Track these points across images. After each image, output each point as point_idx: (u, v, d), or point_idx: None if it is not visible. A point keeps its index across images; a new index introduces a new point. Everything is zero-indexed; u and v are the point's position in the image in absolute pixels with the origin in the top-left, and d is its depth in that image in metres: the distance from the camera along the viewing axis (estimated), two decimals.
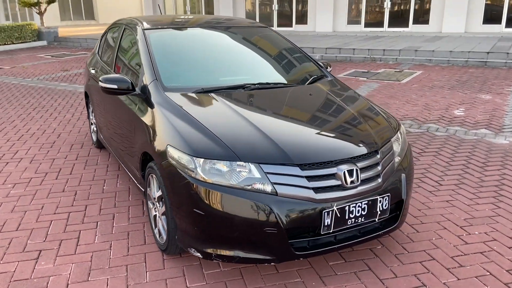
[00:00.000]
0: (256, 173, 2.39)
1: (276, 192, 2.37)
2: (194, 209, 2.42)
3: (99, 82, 3.18)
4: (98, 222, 3.36)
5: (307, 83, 3.45)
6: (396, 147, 2.88)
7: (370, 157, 2.63)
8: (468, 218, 3.42)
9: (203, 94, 3.05)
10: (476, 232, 3.21)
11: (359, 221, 2.54)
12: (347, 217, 2.48)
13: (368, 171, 2.59)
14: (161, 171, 2.64)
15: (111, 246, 3.03)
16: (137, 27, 3.76)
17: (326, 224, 2.42)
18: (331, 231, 2.46)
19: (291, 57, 3.86)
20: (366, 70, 10.28)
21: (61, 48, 16.70)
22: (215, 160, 2.42)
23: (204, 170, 2.41)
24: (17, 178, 4.23)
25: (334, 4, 17.41)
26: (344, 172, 2.47)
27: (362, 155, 2.60)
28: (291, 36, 16.27)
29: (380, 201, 2.58)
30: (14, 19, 26.47)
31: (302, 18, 18.67)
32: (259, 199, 2.35)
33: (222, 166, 2.41)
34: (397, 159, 2.82)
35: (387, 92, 8.00)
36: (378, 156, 2.66)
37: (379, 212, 2.59)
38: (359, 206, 2.51)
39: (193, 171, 2.43)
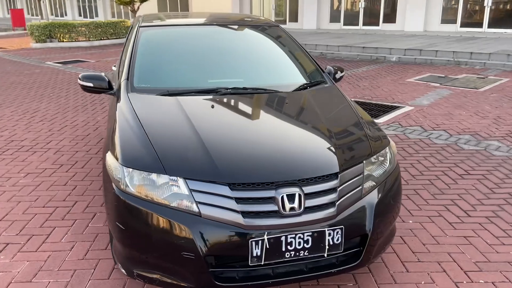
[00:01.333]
0: (184, 190, 2.14)
1: (200, 213, 2.09)
2: (116, 222, 2.25)
3: (78, 80, 3.14)
4: (76, 221, 3.34)
5: (294, 89, 3.08)
6: (373, 170, 2.42)
7: (323, 181, 2.22)
8: (480, 262, 2.80)
9: (168, 96, 2.84)
10: (481, 281, 2.61)
11: (302, 254, 2.16)
12: (284, 249, 2.12)
13: (318, 198, 2.18)
14: (103, 178, 2.50)
15: (72, 248, 2.98)
16: (137, 24, 3.68)
17: (255, 255, 2.09)
18: (262, 263, 2.12)
19: (292, 60, 3.50)
20: (443, 75, 9.30)
21: None
22: (143, 172, 2.20)
23: (130, 181, 2.21)
24: (33, 168, 4.41)
25: (427, 1, 16.09)
26: (282, 197, 2.11)
27: (312, 178, 2.20)
28: (376, 36, 15.40)
29: (329, 234, 2.17)
30: (119, 16, 28.69)
31: (390, 16, 17.57)
32: (180, 219, 2.09)
33: (148, 178, 2.19)
34: (369, 184, 2.36)
35: (457, 101, 7.11)
36: (336, 181, 2.24)
37: (327, 247, 2.18)
38: (300, 238, 2.13)
39: (120, 181, 2.24)
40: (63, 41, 16.59)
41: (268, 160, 2.24)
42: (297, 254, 2.15)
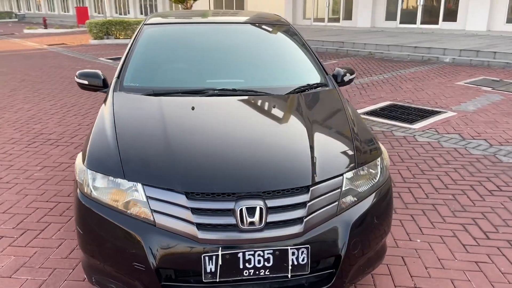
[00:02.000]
0: (142, 196, 2.03)
1: (154, 222, 1.98)
2: (76, 226, 2.19)
3: (75, 77, 3.14)
4: (72, 218, 3.36)
5: (288, 92, 2.87)
6: (356, 184, 2.18)
7: (291, 195, 2.02)
8: None
9: (152, 96, 2.74)
10: None
11: (262, 274, 1.98)
12: (241, 267, 1.95)
13: (283, 213, 1.99)
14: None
15: (60, 245, 2.98)
16: (143, 22, 3.63)
17: (208, 270, 1.94)
18: (217, 280, 1.97)
19: (294, 60, 3.29)
20: (498, 79, 8.58)
21: None
22: (103, 175, 2.12)
23: (92, 185, 2.14)
24: (50, 162, 4.53)
25: None
26: (241, 210, 1.95)
27: (279, 190, 2.02)
28: (433, 35, 14.58)
29: (293, 253, 1.97)
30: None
31: (451, 15, 16.54)
32: (133, 227, 1.99)
33: (107, 182, 2.11)
34: (349, 199, 2.13)
35: (507, 108, 6.50)
36: (306, 195, 2.03)
37: (290, 267, 1.98)
38: (260, 256, 1.95)
39: (82, 183, 2.18)
40: (119, 38, 17.22)
41: (233, 169, 2.07)
42: (257, 272, 1.97)
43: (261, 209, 1.94)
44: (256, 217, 1.94)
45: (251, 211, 1.94)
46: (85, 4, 36.08)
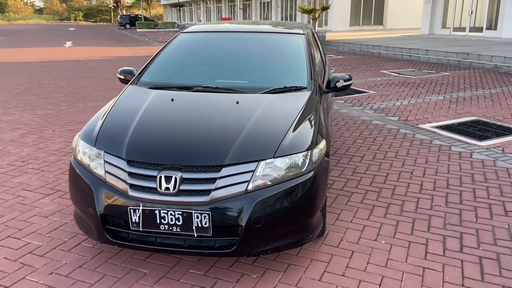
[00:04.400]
0: (102, 160, 2.68)
1: (105, 180, 2.62)
2: (68, 181, 2.93)
3: (117, 73, 3.97)
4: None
5: (263, 92, 3.25)
6: (274, 171, 2.52)
7: (205, 171, 2.47)
8: None
9: (153, 89, 3.39)
10: None
11: (175, 230, 2.47)
12: (158, 222, 2.47)
13: (195, 185, 2.46)
14: None
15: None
16: (182, 30, 4.35)
17: (134, 221, 2.50)
18: (140, 230, 2.52)
19: (290, 66, 3.64)
20: None
21: (325, 50, 18.27)
22: (84, 143, 2.85)
23: (78, 149, 2.87)
24: None
25: None
26: (160, 177, 2.47)
27: (197, 166, 2.49)
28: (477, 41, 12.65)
29: (197, 216, 2.42)
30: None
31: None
32: (92, 182, 2.65)
33: (86, 148, 2.82)
34: (260, 182, 2.48)
35: None
36: (217, 173, 2.46)
37: (195, 228, 2.44)
38: (172, 215, 2.45)
39: (74, 149, 2.94)
40: None
41: (168, 145, 2.61)
42: (170, 228, 2.47)
43: (175, 178, 2.44)
44: (171, 185, 2.44)
45: (169, 179, 2.46)
46: (235, 15, 39.26)
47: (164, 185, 2.45)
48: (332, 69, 5.38)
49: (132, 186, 2.51)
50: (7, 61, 15.06)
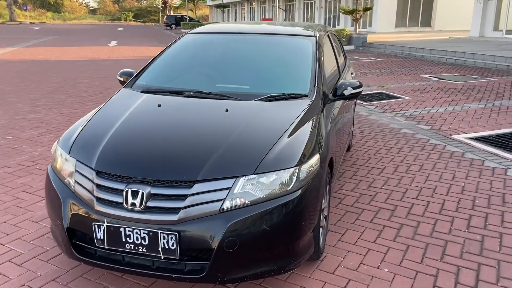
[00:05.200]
0: (74, 169, 2.50)
1: (74, 190, 2.44)
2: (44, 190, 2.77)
3: (117, 75, 3.81)
4: None
5: (257, 99, 2.95)
6: (254, 188, 2.25)
7: (175, 187, 2.23)
8: None
9: (143, 93, 3.18)
10: None
11: (141, 250, 2.25)
12: (124, 240, 2.26)
13: (164, 201, 2.22)
14: None
15: None
16: (189, 30, 4.13)
17: (99, 237, 2.30)
18: (106, 247, 2.32)
19: (293, 71, 3.34)
20: None
21: (362, 53, 17.69)
22: (61, 150, 2.68)
23: (55, 158, 2.70)
24: None
25: None
26: (127, 191, 2.26)
27: (167, 181, 2.25)
28: None
29: (164, 237, 2.19)
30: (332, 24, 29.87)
31: None
32: (61, 192, 2.47)
33: (61, 155, 2.64)
34: (236, 200, 2.22)
35: None
36: (189, 189, 2.22)
37: (161, 250, 2.21)
38: (137, 234, 2.23)
39: (53, 155, 2.78)
40: None
41: (143, 157, 2.38)
42: (136, 248, 2.25)
43: (142, 193, 2.22)
44: (138, 200, 2.23)
45: (136, 194, 2.24)
46: (277, 17, 38.99)
47: (130, 200, 2.24)
48: (352, 74, 5.01)
49: (98, 200, 2.32)
50: (50, 59, 15.56)
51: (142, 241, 2.23)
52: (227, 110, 2.80)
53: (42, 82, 10.48)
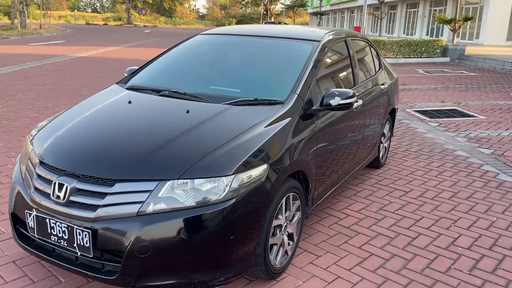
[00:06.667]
0: (30, 158, 2.58)
1: (22, 177, 2.53)
2: None
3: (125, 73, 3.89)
4: None
5: (226, 102, 2.79)
6: (181, 194, 2.14)
7: (98, 183, 2.19)
8: None
9: (128, 89, 3.19)
10: None
11: (62, 244, 2.24)
12: (49, 231, 2.27)
13: (85, 197, 2.19)
14: None
15: None
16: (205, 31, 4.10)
17: (30, 226, 2.34)
18: (36, 236, 2.35)
19: (278, 76, 3.13)
20: None
21: (456, 65, 16.29)
22: (28, 137, 2.79)
23: (26, 143, 2.82)
24: None
25: None
26: (55, 183, 2.27)
27: (93, 177, 2.22)
28: None
29: (79, 233, 2.16)
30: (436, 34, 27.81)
31: None
32: (16, 176, 2.58)
33: (26, 142, 2.76)
34: (159, 205, 2.11)
35: None
36: (109, 187, 2.16)
37: (76, 246, 2.18)
38: (59, 227, 2.23)
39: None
40: None
41: (77, 151, 2.40)
42: (59, 241, 2.25)
43: (66, 187, 2.22)
44: (62, 193, 2.23)
45: (61, 187, 2.24)
46: (364, 24, 37.68)
47: (56, 192, 2.25)
48: (384, 85, 4.56)
49: (35, 188, 2.37)
50: (140, 59, 16.69)
51: (63, 234, 2.23)
52: (188, 112, 2.71)
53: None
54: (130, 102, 2.95)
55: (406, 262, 2.95)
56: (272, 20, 60.32)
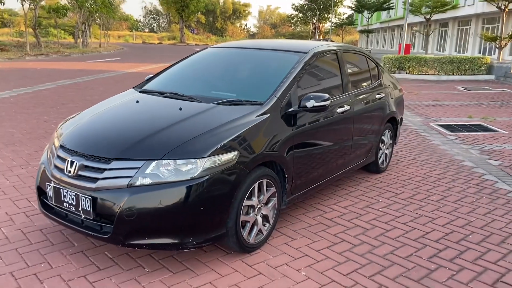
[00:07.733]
0: (56, 144, 3.23)
1: (51, 159, 3.15)
2: None
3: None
4: None
5: (215, 103, 3.30)
6: (164, 173, 2.67)
7: (98, 161, 2.77)
8: None
9: (141, 93, 3.79)
10: None
11: (72, 209, 2.83)
12: (62, 199, 2.87)
13: (89, 172, 2.77)
14: None
15: None
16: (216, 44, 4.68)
17: (49, 195, 2.96)
18: (53, 203, 2.95)
19: (263, 82, 3.62)
20: None
21: (501, 83, 15.96)
22: (58, 127, 3.45)
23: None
24: None
25: None
26: (67, 161, 2.87)
27: (97, 156, 2.80)
28: None
29: (83, 200, 2.73)
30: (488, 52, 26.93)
31: None
32: (44, 157, 3.23)
33: (56, 131, 3.42)
34: (145, 179, 2.65)
35: None
36: (107, 164, 2.73)
37: (81, 210, 2.75)
38: (69, 195, 2.82)
39: None
40: (411, 73, 17.62)
41: (88, 137, 3.02)
42: (70, 207, 2.84)
43: (76, 164, 2.82)
44: (72, 169, 2.83)
45: (72, 164, 2.85)
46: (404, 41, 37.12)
47: (68, 168, 2.85)
48: (380, 95, 4.89)
49: (55, 166, 2.99)
50: None
51: (72, 201, 2.82)
52: (180, 109, 3.26)
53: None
54: (137, 101, 3.56)
55: (372, 248, 3.29)
56: (320, 38, 60.95)
